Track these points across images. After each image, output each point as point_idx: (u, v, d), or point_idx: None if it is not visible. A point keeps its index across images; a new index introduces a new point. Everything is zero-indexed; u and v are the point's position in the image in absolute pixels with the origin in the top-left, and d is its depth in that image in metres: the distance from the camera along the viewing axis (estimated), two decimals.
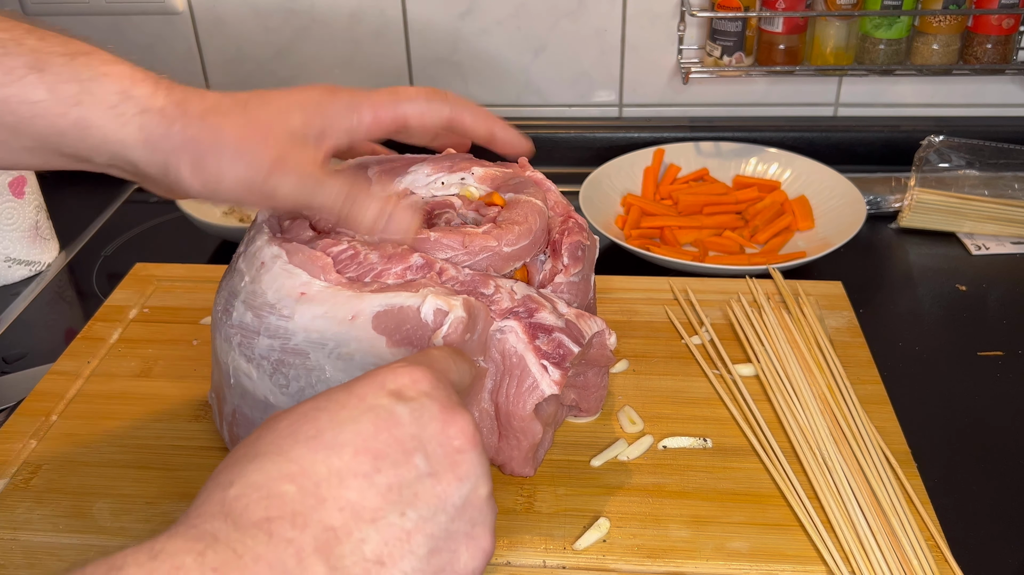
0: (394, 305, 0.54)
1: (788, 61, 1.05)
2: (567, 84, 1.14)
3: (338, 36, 1.12)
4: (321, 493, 0.36)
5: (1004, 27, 1.01)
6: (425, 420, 0.39)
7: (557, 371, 0.57)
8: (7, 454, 0.66)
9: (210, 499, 0.36)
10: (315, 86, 0.56)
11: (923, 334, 0.83)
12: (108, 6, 1.12)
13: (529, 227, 0.61)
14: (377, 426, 0.38)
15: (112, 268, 0.96)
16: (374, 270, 0.57)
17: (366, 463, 0.37)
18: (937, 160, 1.03)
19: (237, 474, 0.36)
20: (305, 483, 0.36)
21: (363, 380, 0.40)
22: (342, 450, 0.37)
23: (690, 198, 1.00)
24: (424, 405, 0.39)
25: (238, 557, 0.33)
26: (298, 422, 0.38)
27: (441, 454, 0.39)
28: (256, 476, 0.36)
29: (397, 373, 0.40)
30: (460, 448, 0.39)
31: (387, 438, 0.38)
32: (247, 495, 0.35)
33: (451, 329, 0.53)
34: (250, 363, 0.57)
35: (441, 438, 0.39)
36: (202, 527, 0.34)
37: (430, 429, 0.39)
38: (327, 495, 0.36)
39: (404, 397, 0.39)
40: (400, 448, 0.38)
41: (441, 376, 0.42)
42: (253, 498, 0.35)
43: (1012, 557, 0.60)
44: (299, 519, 0.35)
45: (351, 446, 0.37)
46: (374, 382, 0.40)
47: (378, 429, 0.38)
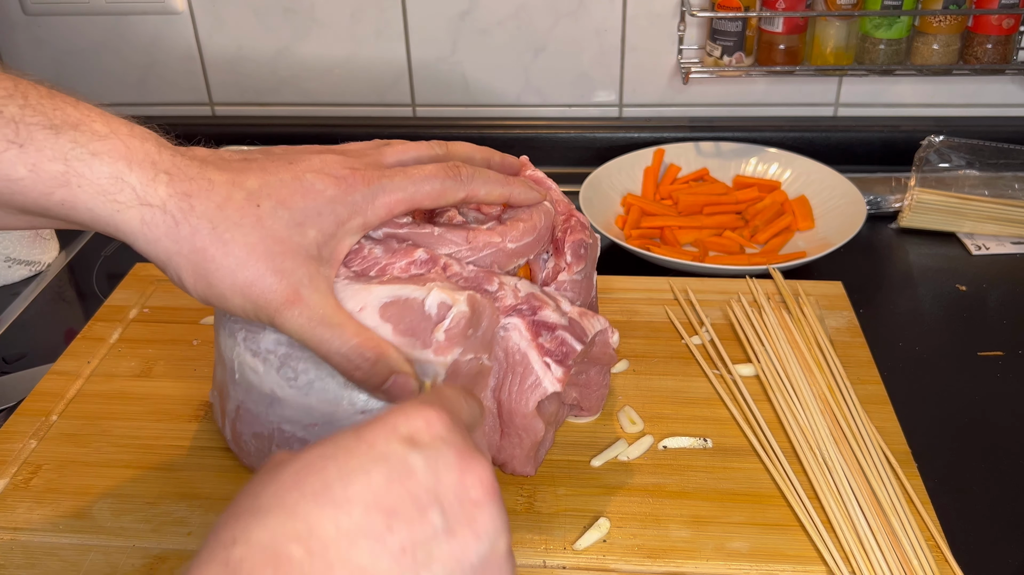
0: (400, 297, 0.54)
1: (788, 61, 1.05)
2: (567, 84, 1.14)
3: (338, 36, 1.12)
4: (330, 556, 0.33)
5: (1004, 27, 1.01)
6: (440, 470, 0.36)
7: (560, 369, 0.57)
8: (7, 454, 0.66)
9: (212, 559, 0.33)
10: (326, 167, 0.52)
11: (923, 334, 0.83)
12: (108, 6, 1.12)
13: (534, 224, 0.61)
14: (389, 478, 0.34)
15: (112, 268, 0.96)
16: (378, 264, 0.57)
17: (378, 522, 0.34)
18: (937, 160, 1.03)
19: (240, 531, 0.33)
20: (313, 545, 0.33)
21: (373, 424, 0.37)
22: (352, 507, 0.34)
23: (690, 198, 1.00)
24: (440, 452, 0.36)
25: None
26: (303, 473, 0.35)
27: (458, 508, 0.35)
28: (260, 534, 0.33)
29: (410, 416, 0.37)
30: (478, 501, 0.36)
31: (400, 492, 0.34)
32: (252, 557, 0.32)
33: (453, 323, 0.53)
34: (256, 358, 0.57)
35: (458, 490, 0.36)
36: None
37: (446, 480, 0.35)
38: (335, 559, 0.33)
39: (418, 444, 0.36)
40: (414, 504, 0.34)
41: (456, 418, 0.39)
42: (257, 561, 0.32)
43: (1012, 557, 0.60)
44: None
45: (361, 502, 0.34)
46: (385, 426, 0.36)
47: (390, 482, 0.34)
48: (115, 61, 1.16)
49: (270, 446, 0.58)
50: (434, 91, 1.15)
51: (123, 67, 1.17)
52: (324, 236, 0.51)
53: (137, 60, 1.16)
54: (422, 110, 1.17)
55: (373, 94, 1.16)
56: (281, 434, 0.57)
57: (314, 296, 0.50)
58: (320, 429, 0.55)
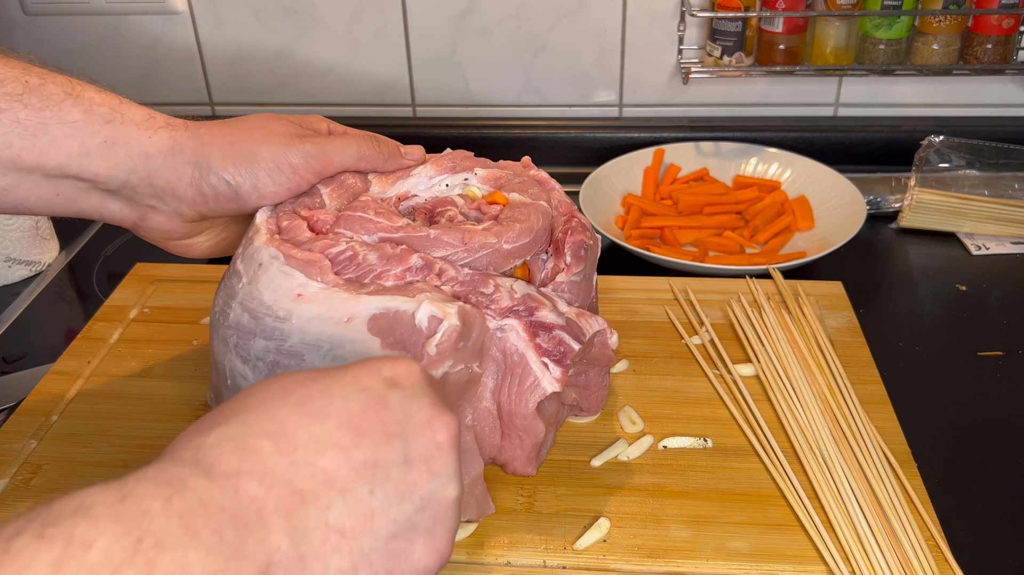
0: (390, 308, 0.53)
1: (788, 61, 1.05)
2: (567, 84, 1.14)
3: (338, 36, 1.12)
4: (296, 456, 0.36)
5: (1004, 27, 1.01)
6: (413, 410, 0.40)
7: (558, 368, 0.57)
8: (7, 454, 0.66)
9: (188, 443, 0.36)
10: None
11: (923, 334, 0.83)
12: (108, 6, 1.12)
13: (531, 225, 0.61)
14: (366, 406, 0.39)
15: (112, 268, 0.96)
16: (373, 271, 0.57)
17: (347, 437, 0.38)
18: (937, 160, 1.03)
19: (219, 422, 0.37)
20: (283, 443, 0.36)
21: (361, 363, 0.41)
22: (326, 420, 0.38)
23: (690, 198, 1.00)
24: (416, 396, 0.40)
25: (203, 506, 0.34)
26: (290, 387, 0.39)
27: (421, 446, 0.39)
28: (236, 429, 0.37)
29: (396, 363, 0.42)
30: (440, 444, 0.40)
31: (372, 418, 0.39)
32: (222, 445, 0.36)
33: (444, 337, 0.53)
34: (246, 364, 0.57)
35: (425, 430, 0.40)
36: (173, 471, 0.35)
37: (416, 419, 0.40)
38: (301, 459, 0.36)
39: (398, 385, 0.40)
40: (383, 430, 0.39)
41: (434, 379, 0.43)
42: (227, 448, 0.36)
43: (1012, 557, 0.60)
44: (268, 478, 0.36)
45: (336, 418, 0.38)
46: (371, 366, 0.41)
47: (366, 408, 0.39)
48: (115, 61, 1.16)
49: None
50: (434, 91, 1.15)
51: (123, 67, 1.17)
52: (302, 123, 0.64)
53: (137, 60, 1.16)
54: (422, 110, 1.17)
55: (373, 94, 1.16)
56: None
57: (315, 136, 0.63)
58: None
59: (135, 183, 0.59)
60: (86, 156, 0.57)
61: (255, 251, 0.58)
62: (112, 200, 0.60)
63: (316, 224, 0.61)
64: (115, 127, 0.57)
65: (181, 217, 0.61)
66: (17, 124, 0.55)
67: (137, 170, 0.58)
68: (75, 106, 0.56)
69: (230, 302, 0.58)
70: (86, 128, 0.56)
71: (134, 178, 0.58)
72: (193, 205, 0.60)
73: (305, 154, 0.60)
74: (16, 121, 0.55)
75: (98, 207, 0.60)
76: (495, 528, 0.60)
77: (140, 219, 0.62)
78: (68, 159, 0.56)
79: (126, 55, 1.16)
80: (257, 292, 0.57)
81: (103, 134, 0.57)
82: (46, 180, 0.57)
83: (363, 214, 0.60)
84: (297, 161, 0.60)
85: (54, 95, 0.56)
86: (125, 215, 0.61)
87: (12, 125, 0.55)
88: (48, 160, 0.56)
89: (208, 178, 0.59)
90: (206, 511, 0.34)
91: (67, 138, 0.56)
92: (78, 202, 0.59)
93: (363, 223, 0.60)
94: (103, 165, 0.57)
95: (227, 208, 0.60)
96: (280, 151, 0.60)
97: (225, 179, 0.59)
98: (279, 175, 0.60)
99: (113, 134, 0.57)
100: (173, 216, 0.61)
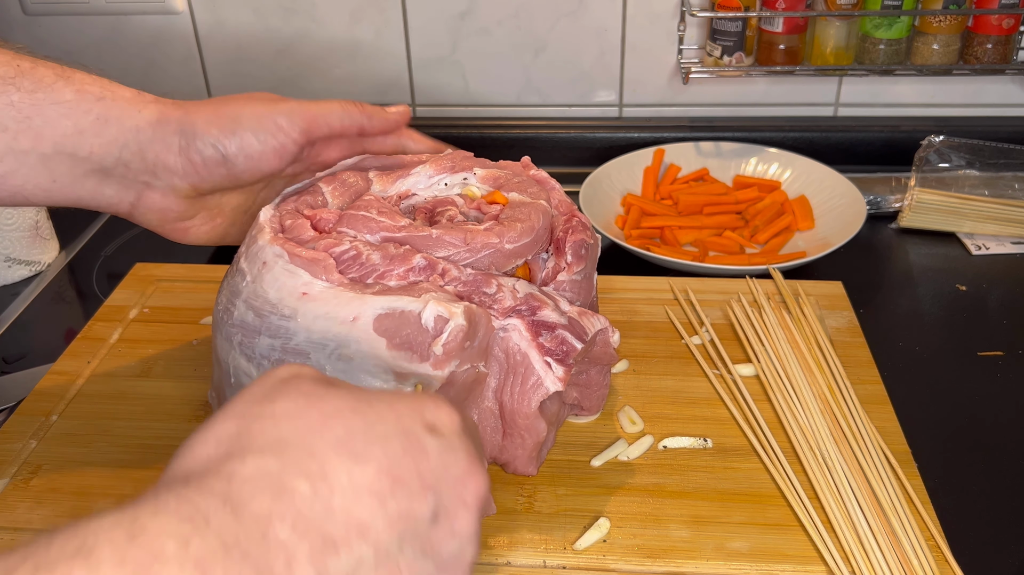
0: (395, 308, 0.53)
1: (788, 61, 1.05)
2: (567, 84, 1.14)
3: (338, 36, 1.12)
4: (334, 503, 0.35)
5: (1004, 27, 1.01)
6: (449, 462, 0.39)
7: (561, 368, 0.57)
8: (7, 454, 0.66)
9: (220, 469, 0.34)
10: None
11: (923, 334, 0.83)
12: (108, 6, 1.12)
13: (531, 225, 0.61)
14: (405, 451, 0.37)
15: (112, 268, 0.96)
16: (376, 271, 0.57)
17: (385, 484, 0.36)
18: (937, 160, 1.03)
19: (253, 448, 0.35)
20: (321, 487, 0.35)
21: (404, 399, 0.40)
22: (367, 464, 0.36)
23: (690, 198, 1.00)
24: (453, 447, 0.39)
25: (225, 551, 0.31)
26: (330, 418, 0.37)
27: (449, 502, 0.38)
28: (272, 463, 0.35)
29: (438, 407, 0.40)
30: (467, 504, 0.39)
31: (411, 466, 0.37)
32: (257, 480, 0.34)
33: (451, 337, 0.53)
34: (251, 362, 0.57)
35: (456, 486, 0.38)
36: (198, 503, 0.33)
37: (451, 472, 0.38)
38: (338, 506, 0.35)
39: (437, 431, 0.39)
40: (419, 480, 0.37)
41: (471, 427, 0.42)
42: (262, 484, 0.34)
43: (1012, 557, 0.60)
44: (302, 524, 0.33)
45: (376, 462, 0.36)
46: (414, 406, 0.40)
47: (405, 454, 0.37)
48: (115, 61, 1.16)
49: None
50: (434, 91, 1.15)
51: (123, 67, 1.17)
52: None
53: (137, 60, 1.16)
54: (422, 110, 1.17)
55: (373, 94, 1.16)
56: None
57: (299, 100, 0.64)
58: None
59: (128, 159, 0.59)
60: (80, 135, 0.57)
61: (259, 249, 0.58)
62: (107, 183, 0.60)
63: (319, 223, 0.61)
64: (106, 104, 0.58)
65: (175, 193, 0.61)
66: (11, 107, 0.56)
67: (129, 145, 0.59)
68: (67, 87, 0.57)
69: (234, 300, 0.58)
70: (79, 107, 0.57)
71: (127, 153, 0.59)
72: (185, 175, 0.60)
73: (289, 111, 0.61)
74: (10, 104, 0.56)
75: (94, 192, 0.60)
76: (495, 528, 0.60)
77: (136, 200, 0.61)
78: (63, 138, 0.57)
79: (126, 55, 1.16)
80: (262, 290, 0.57)
81: (95, 112, 0.58)
82: (42, 164, 0.58)
83: (366, 213, 0.61)
84: (281, 119, 0.61)
85: (46, 77, 0.57)
86: (121, 198, 0.61)
87: (6, 108, 0.56)
88: (43, 141, 0.57)
89: (195, 144, 0.59)
90: (228, 557, 0.31)
91: (61, 118, 0.57)
92: (75, 188, 0.59)
93: (366, 222, 0.60)
94: (97, 143, 0.58)
95: (217, 174, 0.60)
96: (264, 111, 0.61)
97: (211, 143, 0.59)
98: (264, 134, 0.60)
99: (105, 111, 0.58)
100: (167, 193, 0.61)
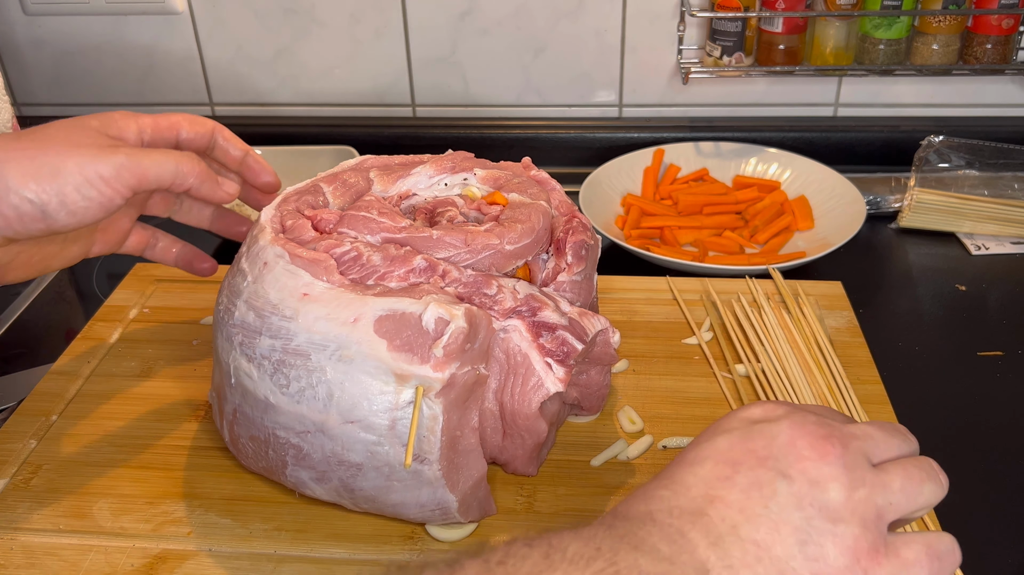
0: (396, 310, 0.53)
1: (788, 61, 1.05)
2: (567, 84, 1.14)
3: (338, 36, 1.12)
4: (693, 494, 0.42)
5: (1004, 27, 1.01)
6: (774, 434, 0.44)
7: (561, 368, 0.57)
8: (7, 454, 0.66)
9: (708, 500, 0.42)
10: None
11: (923, 334, 0.83)
12: (108, 6, 1.12)
13: (532, 226, 0.61)
14: (731, 442, 0.44)
15: (112, 268, 0.96)
16: (377, 272, 0.57)
17: (726, 469, 0.43)
18: (937, 160, 1.03)
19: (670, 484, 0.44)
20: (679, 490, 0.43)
21: (727, 415, 0.47)
22: (704, 462, 0.43)
23: (690, 198, 1.00)
24: (774, 426, 0.44)
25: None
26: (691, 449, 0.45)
27: (792, 460, 0.43)
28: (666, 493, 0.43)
29: (752, 407, 0.47)
30: (807, 457, 0.43)
31: (741, 449, 0.43)
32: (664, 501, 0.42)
33: (451, 339, 0.53)
34: (251, 363, 0.57)
35: (789, 447, 0.43)
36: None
37: (780, 440, 0.43)
38: (701, 495, 0.42)
39: (755, 419, 0.45)
40: (754, 456, 0.43)
41: (798, 406, 0.47)
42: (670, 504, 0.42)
43: (1012, 557, 0.60)
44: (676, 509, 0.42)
45: (711, 459, 0.43)
46: (733, 415, 0.47)
47: (732, 444, 0.44)
48: (115, 61, 1.16)
49: (267, 450, 0.58)
50: (434, 91, 1.15)
51: (123, 67, 1.17)
52: (105, 126, 0.60)
53: (137, 60, 1.16)
54: (422, 110, 1.17)
55: (373, 94, 1.16)
56: (276, 440, 0.57)
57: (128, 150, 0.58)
58: (313, 437, 0.55)
59: None
60: None
61: (260, 249, 0.58)
62: None
63: (320, 223, 0.61)
64: None
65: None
66: None
67: None
68: None
69: (235, 300, 0.58)
70: None
71: None
72: (1, 228, 0.54)
73: (117, 166, 0.56)
74: None
75: None
76: (495, 528, 0.60)
77: None
78: None
79: (126, 55, 1.16)
80: (263, 291, 0.57)
81: None
82: None
83: (367, 214, 0.61)
84: (108, 173, 0.55)
85: None
86: None
87: None
88: None
89: (8, 198, 0.53)
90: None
91: None
92: None
93: (366, 223, 0.60)
94: None
95: (35, 228, 0.55)
96: (88, 163, 0.55)
97: (28, 198, 0.53)
98: (89, 189, 0.55)
99: None
100: None
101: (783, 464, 0.42)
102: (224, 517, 0.61)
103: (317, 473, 0.56)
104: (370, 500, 0.57)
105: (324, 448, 0.55)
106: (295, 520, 0.60)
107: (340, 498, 0.58)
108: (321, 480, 0.57)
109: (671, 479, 0.43)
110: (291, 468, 0.57)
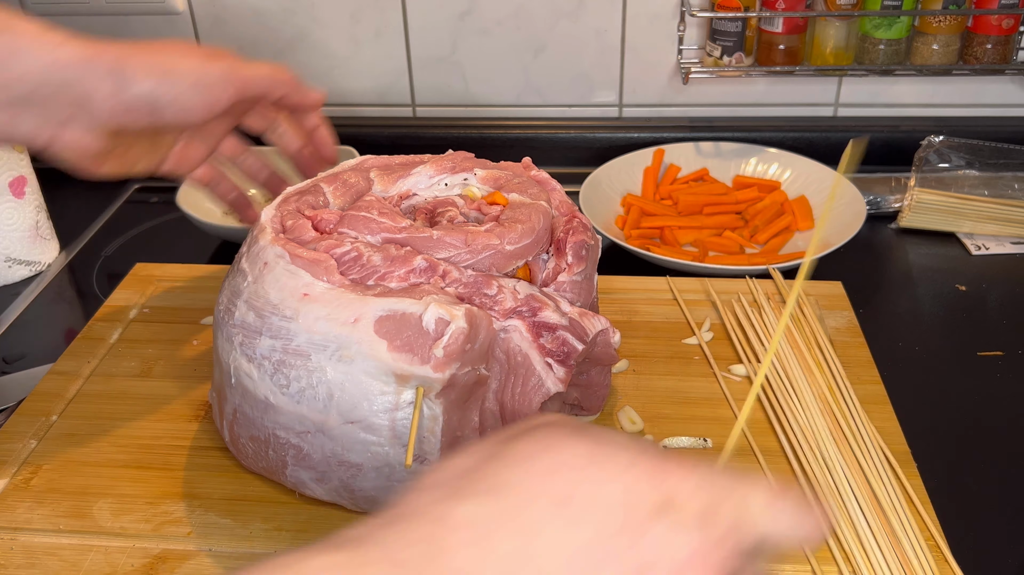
0: (396, 311, 0.53)
1: (788, 61, 1.05)
2: (567, 84, 1.14)
3: (338, 36, 1.12)
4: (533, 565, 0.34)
5: (1004, 27, 1.01)
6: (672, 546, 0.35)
7: (562, 368, 0.57)
8: (7, 454, 0.66)
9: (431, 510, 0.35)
10: None
11: (923, 334, 0.83)
12: (108, 6, 1.12)
13: (532, 226, 0.61)
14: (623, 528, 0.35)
15: (112, 268, 0.96)
16: (377, 272, 0.57)
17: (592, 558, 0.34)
18: (937, 160, 1.03)
19: (473, 491, 0.35)
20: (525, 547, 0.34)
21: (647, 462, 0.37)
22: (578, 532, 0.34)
23: (690, 198, 1.00)
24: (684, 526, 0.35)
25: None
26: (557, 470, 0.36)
27: None
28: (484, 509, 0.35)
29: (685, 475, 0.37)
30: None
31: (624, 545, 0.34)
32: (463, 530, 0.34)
33: (451, 340, 0.53)
34: (251, 363, 0.57)
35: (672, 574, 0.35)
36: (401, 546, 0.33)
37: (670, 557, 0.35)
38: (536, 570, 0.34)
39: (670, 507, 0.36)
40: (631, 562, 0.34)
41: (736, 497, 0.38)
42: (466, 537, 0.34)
43: (1012, 557, 0.60)
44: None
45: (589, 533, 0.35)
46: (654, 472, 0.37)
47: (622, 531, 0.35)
48: None
49: (267, 450, 0.58)
50: (434, 91, 1.15)
51: None
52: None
53: None
54: (422, 110, 1.17)
55: (373, 94, 1.16)
56: (276, 440, 0.57)
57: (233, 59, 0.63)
58: (312, 437, 0.55)
59: (48, 94, 0.57)
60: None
61: (260, 250, 0.58)
62: (23, 116, 0.57)
63: (320, 223, 0.61)
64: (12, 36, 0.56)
65: (97, 131, 0.59)
66: None
67: (50, 80, 0.56)
68: None
69: (235, 300, 0.58)
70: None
71: (46, 88, 0.56)
72: (112, 117, 0.58)
73: (225, 70, 0.61)
74: None
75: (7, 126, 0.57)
76: None
77: (53, 138, 0.58)
78: None
79: None
80: (263, 291, 0.57)
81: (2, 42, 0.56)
82: None
83: (367, 214, 0.61)
84: (216, 76, 0.61)
85: None
86: (38, 133, 0.58)
87: None
88: None
89: (130, 89, 0.58)
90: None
91: None
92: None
93: (367, 223, 0.60)
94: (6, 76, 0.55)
95: (144, 121, 0.59)
96: (201, 65, 0.60)
97: (147, 91, 0.58)
98: (200, 88, 0.60)
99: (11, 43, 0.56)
100: (88, 131, 0.59)
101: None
102: (224, 517, 0.61)
103: (317, 473, 0.56)
104: (370, 500, 0.57)
105: (324, 448, 0.55)
106: (295, 520, 0.60)
107: (340, 498, 0.58)
108: (321, 480, 0.57)
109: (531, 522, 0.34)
110: (291, 468, 0.57)
